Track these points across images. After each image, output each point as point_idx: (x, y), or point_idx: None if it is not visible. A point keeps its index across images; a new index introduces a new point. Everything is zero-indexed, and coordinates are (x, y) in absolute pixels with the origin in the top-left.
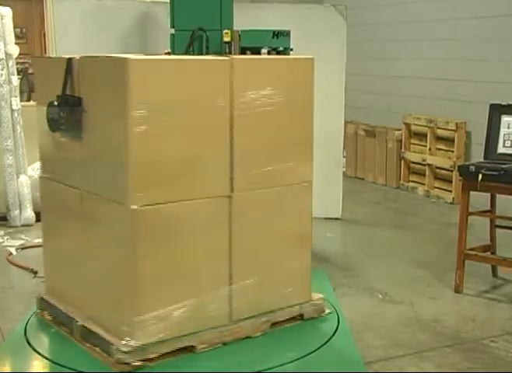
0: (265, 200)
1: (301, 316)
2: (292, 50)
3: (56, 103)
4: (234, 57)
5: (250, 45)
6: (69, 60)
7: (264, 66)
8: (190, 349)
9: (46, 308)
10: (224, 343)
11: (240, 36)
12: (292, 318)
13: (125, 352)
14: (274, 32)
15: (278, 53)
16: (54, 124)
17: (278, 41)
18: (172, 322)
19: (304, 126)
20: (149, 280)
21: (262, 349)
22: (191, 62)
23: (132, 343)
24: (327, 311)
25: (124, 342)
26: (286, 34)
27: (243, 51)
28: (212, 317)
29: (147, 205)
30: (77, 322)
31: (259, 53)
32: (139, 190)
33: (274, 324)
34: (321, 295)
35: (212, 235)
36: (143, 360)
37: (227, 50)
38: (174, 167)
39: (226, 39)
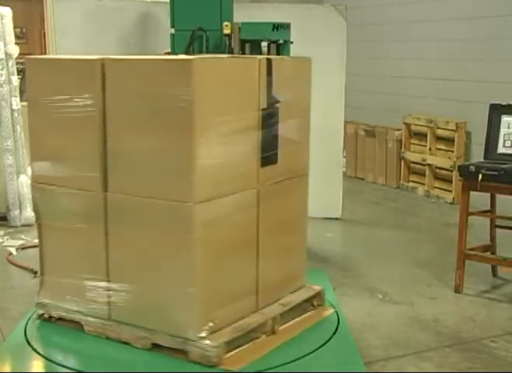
0: (141, 211)
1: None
2: (292, 42)
3: None
4: (105, 57)
5: (250, 38)
6: None
7: (137, 67)
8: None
9: None
10: (108, 338)
11: (239, 28)
12: (182, 351)
13: (36, 303)
14: (274, 24)
15: (278, 46)
16: None
17: (278, 34)
18: (60, 292)
19: (181, 139)
20: (46, 249)
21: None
22: (64, 62)
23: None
24: (222, 367)
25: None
26: (286, 27)
27: (242, 44)
28: (92, 306)
29: (34, 182)
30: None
31: (259, 45)
32: (33, 168)
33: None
34: (221, 343)
35: (89, 228)
36: (50, 316)
37: (227, 43)
38: (54, 153)
39: (226, 31)
